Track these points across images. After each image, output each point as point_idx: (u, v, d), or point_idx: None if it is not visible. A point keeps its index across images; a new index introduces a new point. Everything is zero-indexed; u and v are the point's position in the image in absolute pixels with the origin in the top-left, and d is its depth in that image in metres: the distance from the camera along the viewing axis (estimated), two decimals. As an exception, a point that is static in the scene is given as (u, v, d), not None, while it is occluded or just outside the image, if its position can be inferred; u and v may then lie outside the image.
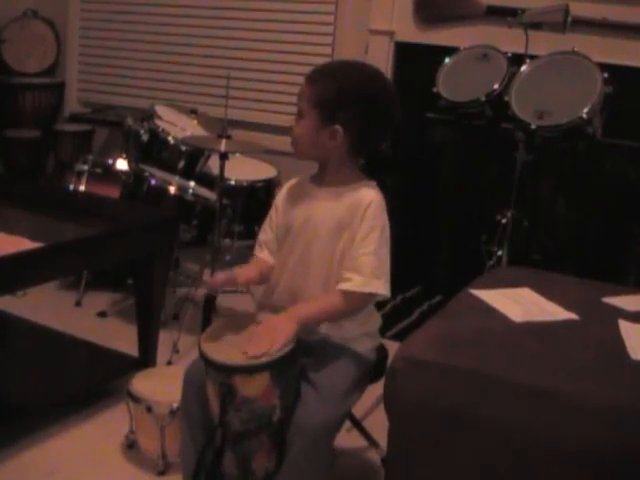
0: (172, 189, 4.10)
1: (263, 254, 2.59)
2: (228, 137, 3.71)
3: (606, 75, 3.73)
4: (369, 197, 2.41)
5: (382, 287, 2.37)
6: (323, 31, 5.53)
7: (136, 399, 2.88)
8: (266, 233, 2.61)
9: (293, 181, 2.62)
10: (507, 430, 2.09)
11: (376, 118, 2.39)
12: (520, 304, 2.62)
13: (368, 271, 2.34)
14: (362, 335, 2.52)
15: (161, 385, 2.94)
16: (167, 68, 6.17)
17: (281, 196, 2.61)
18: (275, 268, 2.56)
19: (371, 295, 2.38)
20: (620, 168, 4.33)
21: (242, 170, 4.59)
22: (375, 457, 2.99)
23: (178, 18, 6.07)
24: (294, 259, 2.49)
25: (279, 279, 2.53)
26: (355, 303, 2.38)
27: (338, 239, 2.41)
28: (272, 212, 2.61)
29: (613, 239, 4.39)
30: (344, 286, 2.35)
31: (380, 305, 2.56)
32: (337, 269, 2.40)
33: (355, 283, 2.34)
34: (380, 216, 2.41)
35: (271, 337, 2.25)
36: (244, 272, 2.57)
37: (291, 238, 2.50)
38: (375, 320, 2.60)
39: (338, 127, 2.36)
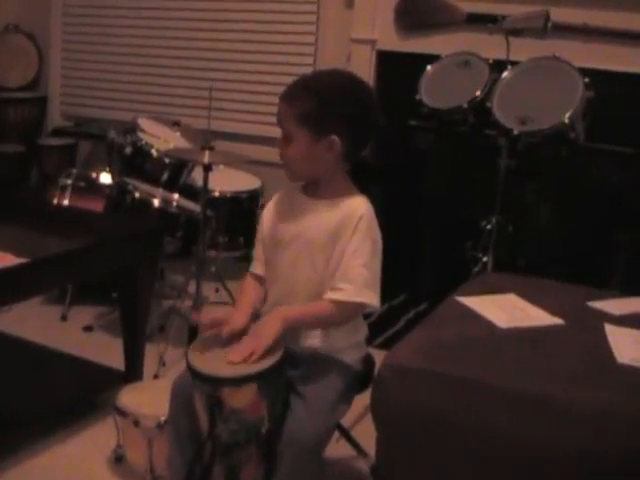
0: (156, 201, 4.09)
1: (258, 270, 2.58)
2: (211, 148, 3.71)
3: (587, 80, 3.75)
4: (361, 210, 2.40)
5: (373, 298, 2.37)
6: (305, 41, 5.54)
7: (123, 413, 2.86)
8: (257, 249, 2.60)
9: (281, 193, 2.59)
10: (494, 436, 2.09)
11: (363, 119, 2.39)
12: (505, 310, 2.63)
13: (360, 281, 2.34)
14: (350, 346, 2.50)
15: (148, 398, 2.92)
16: (149, 80, 6.17)
17: (269, 209, 2.59)
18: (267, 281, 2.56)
19: (362, 305, 2.37)
20: (603, 172, 4.35)
21: (226, 181, 4.59)
22: (364, 466, 2.98)
23: (160, 30, 6.07)
24: (285, 271, 2.47)
25: (269, 291, 2.53)
26: (345, 313, 2.38)
27: (330, 252, 2.39)
28: (260, 226, 2.59)
29: (597, 244, 4.40)
30: (335, 295, 2.34)
31: (366, 314, 2.56)
32: (328, 281, 2.39)
33: (347, 293, 2.33)
34: (372, 229, 2.40)
35: (252, 342, 2.25)
36: (239, 318, 2.43)
37: (281, 251, 2.48)
38: (363, 331, 2.59)
39: (334, 137, 2.34)
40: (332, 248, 2.39)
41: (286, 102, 2.36)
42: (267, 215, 2.58)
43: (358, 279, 2.34)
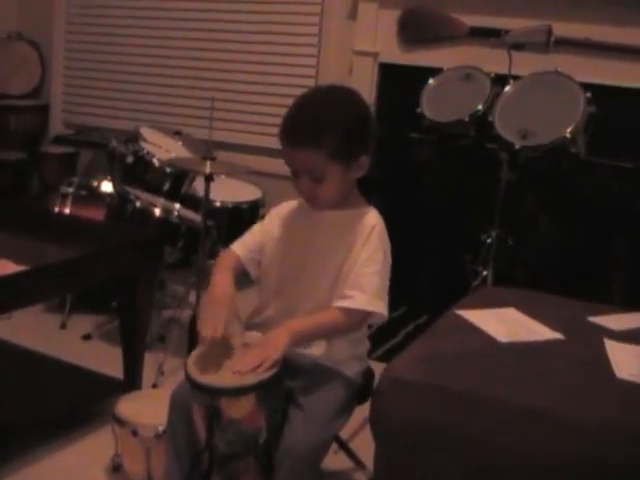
0: (157, 211, 4.09)
1: (238, 249, 2.53)
2: (213, 159, 3.71)
3: (589, 95, 3.75)
4: (373, 220, 2.42)
5: (382, 308, 2.36)
6: (307, 52, 5.55)
7: (121, 422, 2.86)
8: (253, 235, 2.57)
9: (294, 202, 2.57)
10: (493, 450, 2.08)
11: (372, 124, 2.42)
12: (505, 324, 2.62)
13: (371, 290, 2.33)
14: (351, 358, 2.50)
15: (147, 408, 2.92)
16: (152, 90, 6.18)
17: (282, 210, 2.57)
18: (267, 288, 2.53)
19: (371, 314, 2.36)
20: (604, 186, 4.35)
21: (227, 191, 4.59)
22: (362, 478, 2.98)
23: (162, 40, 6.08)
24: (292, 280, 2.46)
25: (272, 299, 2.51)
26: (353, 321, 2.36)
27: (341, 261, 2.39)
28: (268, 224, 2.56)
29: (598, 258, 4.40)
30: (345, 303, 2.33)
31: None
32: (337, 290, 2.38)
33: (357, 301, 2.32)
34: (383, 239, 2.42)
35: (261, 352, 2.23)
36: (222, 282, 2.44)
37: (290, 260, 2.48)
38: (365, 344, 2.58)
39: (363, 157, 2.36)
40: (344, 258, 2.39)
41: (304, 146, 2.30)
42: (278, 217, 2.56)
43: (369, 287, 2.33)
